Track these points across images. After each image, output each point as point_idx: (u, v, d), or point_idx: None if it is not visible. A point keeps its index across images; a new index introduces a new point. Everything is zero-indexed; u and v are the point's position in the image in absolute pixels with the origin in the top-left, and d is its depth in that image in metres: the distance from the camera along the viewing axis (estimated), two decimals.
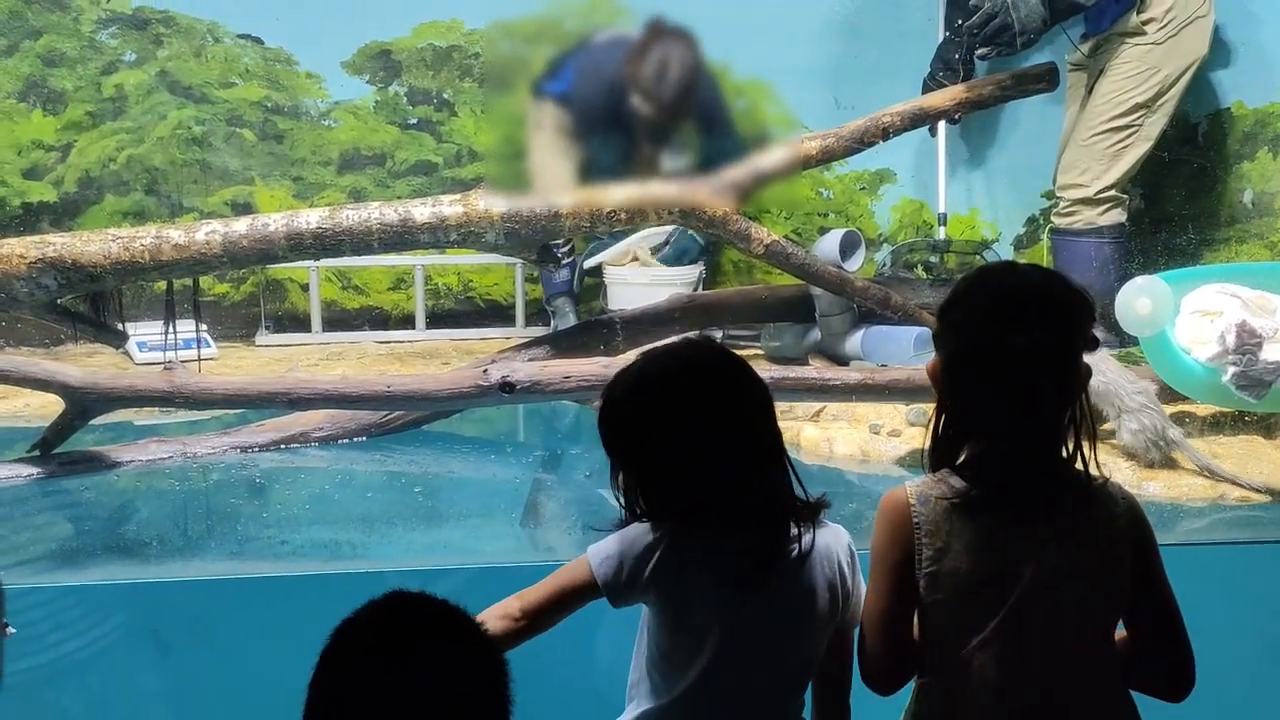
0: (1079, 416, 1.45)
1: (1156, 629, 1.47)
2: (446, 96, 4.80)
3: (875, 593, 1.48)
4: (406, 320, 4.80)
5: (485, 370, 3.09)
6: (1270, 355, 3.01)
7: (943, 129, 4.44)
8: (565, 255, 4.37)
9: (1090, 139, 4.02)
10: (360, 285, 4.84)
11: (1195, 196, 4.64)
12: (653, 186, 3.23)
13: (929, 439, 1.49)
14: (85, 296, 3.13)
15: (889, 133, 3.44)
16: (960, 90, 3.67)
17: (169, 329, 3.24)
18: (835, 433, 3.34)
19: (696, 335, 1.60)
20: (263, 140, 4.71)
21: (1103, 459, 1.54)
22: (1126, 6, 3.94)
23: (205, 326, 3.99)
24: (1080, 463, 1.46)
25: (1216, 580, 2.46)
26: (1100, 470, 1.47)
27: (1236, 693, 2.36)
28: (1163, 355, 3.16)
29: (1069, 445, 1.45)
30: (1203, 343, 3.09)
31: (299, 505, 3.02)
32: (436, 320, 4.78)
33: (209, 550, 2.76)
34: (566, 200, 3.16)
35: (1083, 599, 1.43)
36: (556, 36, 3.34)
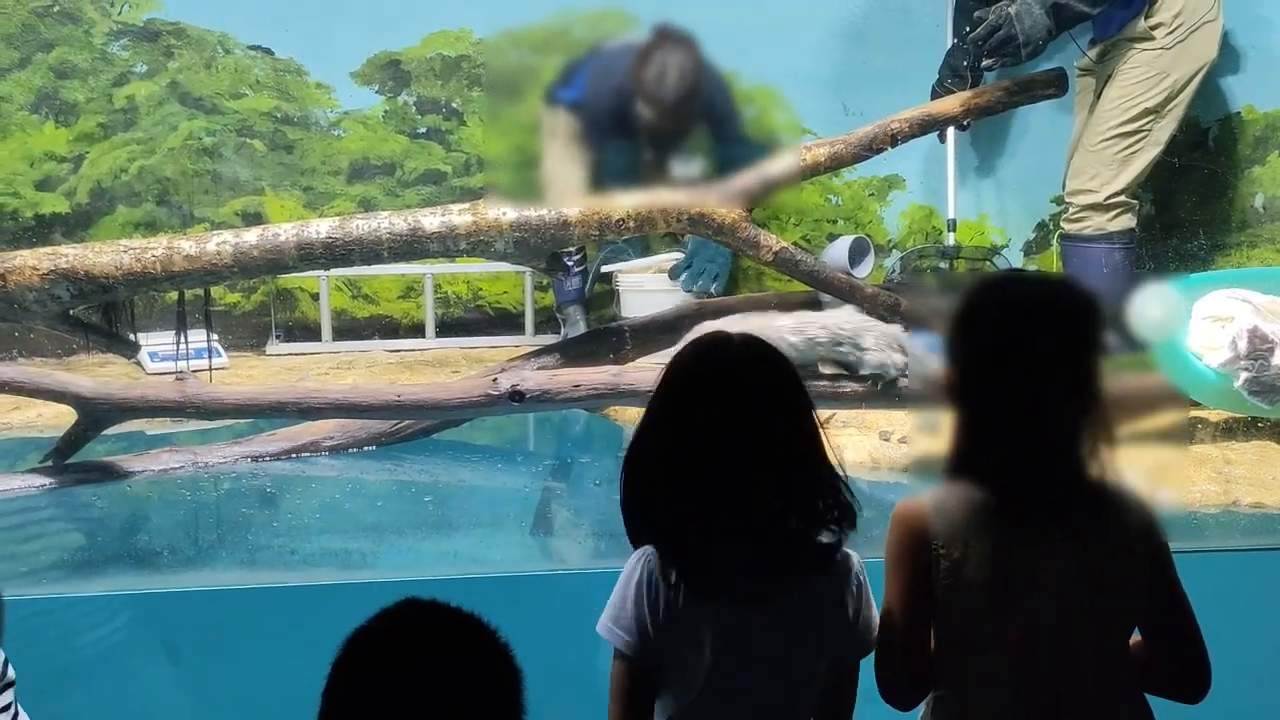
0: (1095, 421, 1.44)
1: (1171, 632, 1.46)
2: (455, 106, 4.81)
3: (892, 606, 1.46)
4: (416, 329, 4.81)
5: (495, 379, 3.10)
6: None
7: (952, 135, 4.44)
8: (577, 263, 4.38)
9: (1099, 144, 4.01)
10: (370, 294, 4.86)
11: (1206, 202, 4.63)
12: (661, 193, 3.23)
13: (948, 447, 1.47)
14: (97, 307, 3.15)
15: (897, 139, 3.44)
16: (969, 96, 3.66)
17: (180, 339, 3.26)
18: (845, 439, 3.33)
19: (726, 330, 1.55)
20: (273, 150, 4.73)
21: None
22: (1134, 12, 3.93)
23: (216, 336, 4.01)
24: (1096, 468, 1.45)
25: (1230, 586, 2.45)
26: (1118, 475, 1.46)
27: (1252, 698, 2.35)
28: (1175, 361, 3.15)
29: (1085, 450, 1.44)
30: (1214, 348, 3.07)
31: (309, 514, 3.03)
32: (446, 328, 4.79)
33: (220, 559, 2.76)
34: (576, 208, 3.16)
35: (1098, 605, 1.42)
36: (565, 45, 3.35)
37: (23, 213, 4.59)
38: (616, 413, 3.68)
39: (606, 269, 4.47)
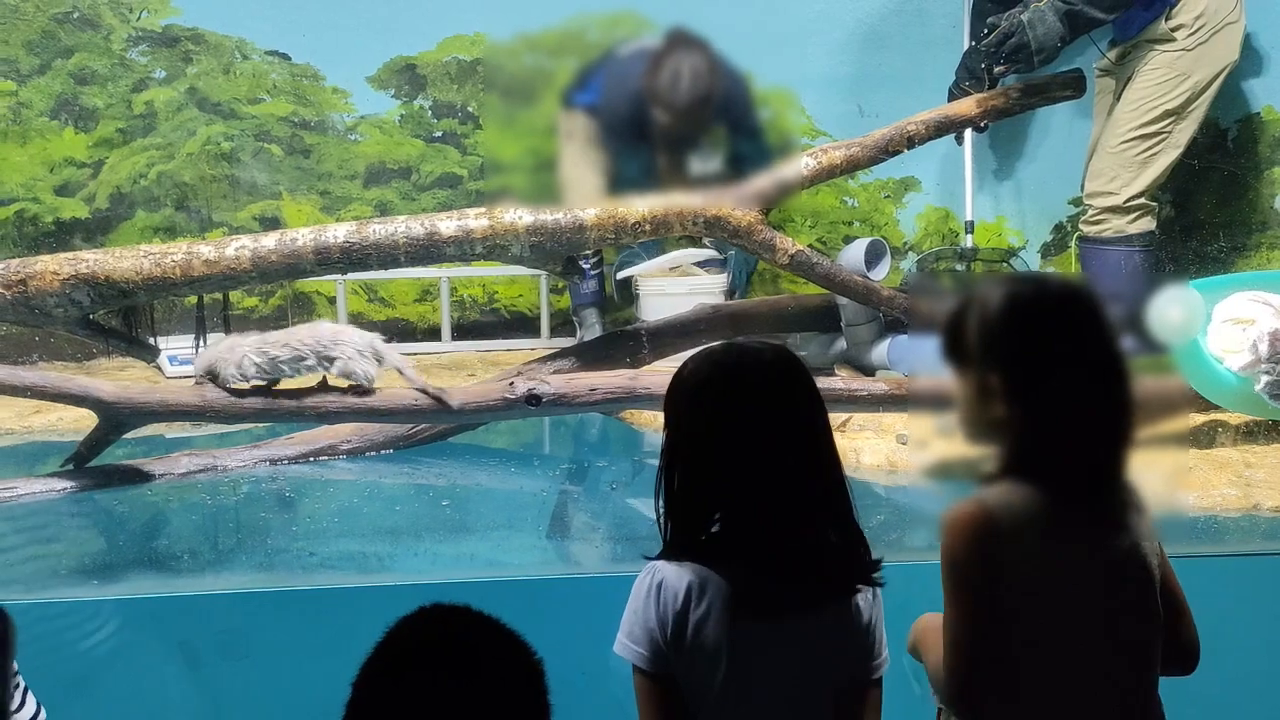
0: (1132, 419, 1.46)
1: (1171, 609, 1.50)
2: (470, 109, 4.83)
3: (959, 614, 1.43)
4: (432, 332, 4.82)
5: (511, 383, 3.10)
6: None
7: (969, 137, 4.42)
8: (593, 266, 4.37)
9: (1119, 146, 3.99)
10: (386, 297, 4.87)
11: (1226, 203, 4.60)
12: (677, 197, 3.23)
13: (1003, 449, 1.46)
14: (117, 311, 3.17)
15: (914, 141, 3.43)
16: (985, 98, 3.65)
17: (199, 343, 3.28)
18: (862, 443, 3.32)
19: (746, 339, 1.55)
20: (290, 155, 4.75)
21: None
22: (1156, 13, 3.91)
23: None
24: (1120, 463, 1.47)
25: (1252, 591, 2.43)
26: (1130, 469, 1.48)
27: (1275, 703, 2.34)
28: (1195, 364, 3.13)
29: (1111, 445, 1.46)
30: (1235, 351, 3.05)
31: (328, 518, 3.04)
32: (462, 332, 4.81)
33: (239, 563, 2.77)
34: (592, 211, 3.16)
35: (1136, 595, 1.45)
36: (579, 48, 3.35)
37: (43, 218, 4.63)
38: (633, 416, 3.68)
39: (622, 275, 4.45)
